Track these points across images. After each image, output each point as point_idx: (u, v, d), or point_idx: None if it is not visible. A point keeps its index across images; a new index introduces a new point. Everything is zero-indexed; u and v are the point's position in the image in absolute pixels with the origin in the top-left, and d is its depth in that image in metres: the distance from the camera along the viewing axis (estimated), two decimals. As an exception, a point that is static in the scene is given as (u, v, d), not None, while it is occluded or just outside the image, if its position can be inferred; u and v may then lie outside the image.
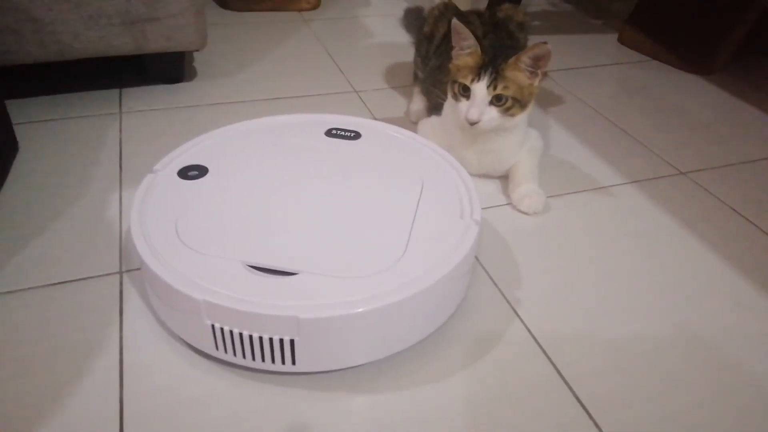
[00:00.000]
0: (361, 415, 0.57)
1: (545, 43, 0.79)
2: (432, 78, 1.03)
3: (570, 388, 0.62)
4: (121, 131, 1.01)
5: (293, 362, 0.57)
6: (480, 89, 0.81)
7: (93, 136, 1.00)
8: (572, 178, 0.97)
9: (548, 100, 1.23)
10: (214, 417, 0.56)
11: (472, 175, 0.86)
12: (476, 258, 0.78)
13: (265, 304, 0.54)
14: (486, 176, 0.94)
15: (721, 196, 0.95)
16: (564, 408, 0.60)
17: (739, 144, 1.11)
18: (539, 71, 0.83)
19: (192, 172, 0.72)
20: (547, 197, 0.91)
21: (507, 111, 0.83)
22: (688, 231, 0.86)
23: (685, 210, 0.91)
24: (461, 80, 0.83)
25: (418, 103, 1.10)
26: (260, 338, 0.55)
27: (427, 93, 1.07)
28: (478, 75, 0.82)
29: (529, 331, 0.68)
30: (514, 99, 0.82)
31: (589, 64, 1.42)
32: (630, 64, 1.44)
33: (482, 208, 0.85)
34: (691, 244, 0.84)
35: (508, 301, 0.72)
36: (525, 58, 0.81)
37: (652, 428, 0.58)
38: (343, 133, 0.82)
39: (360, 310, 0.55)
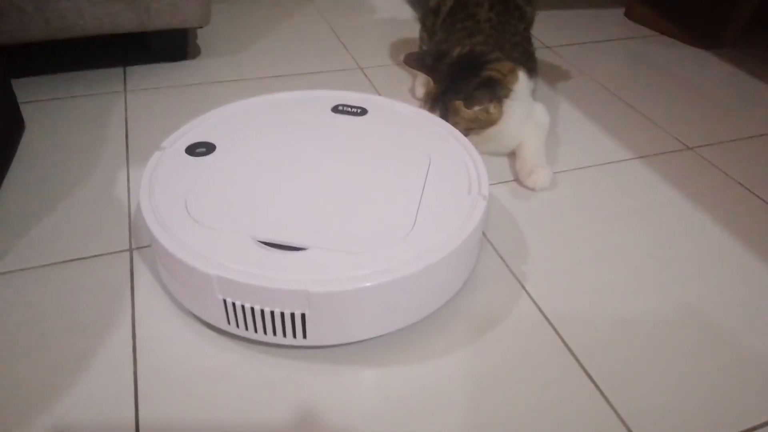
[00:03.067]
0: (371, 388, 0.58)
1: (491, 92, 0.82)
2: (438, 53, 1.02)
3: (578, 361, 0.62)
4: (126, 110, 1.01)
5: (304, 336, 0.58)
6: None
7: (99, 114, 0.99)
8: (579, 154, 0.97)
9: (554, 75, 1.22)
10: (227, 390, 0.57)
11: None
12: (483, 234, 0.78)
13: (277, 279, 0.54)
14: (493, 154, 0.94)
15: (728, 171, 0.95)
16: (572, 380, 0.60)
17: (748, 119, 1.11)
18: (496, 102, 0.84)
19: (200, 149, 0.72)
20: (554, 173, 0.91)
21: (469, 132, 0.84)
22: (695, 206, 0.86)
23: (691, 185, 0.91)
24: (425, 100, 0.87)
25: (422, 81, 1.10)
26: (272, 312, 0.56)
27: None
28: (432, 105, 0.84)
29: (536, 305, 0.68)
30: (469, 128, 0.84)
31: (595, 39, 1.41)
32: (637, 38, 1.42)
33: (489, 184, 0.86)
34: (698, 218, 0.84)
35: (515, 276, 0.72)
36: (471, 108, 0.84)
37: (660, 399, 0.59)
38: (349, 109, 0.82)
39: (369, 284, 0.55)
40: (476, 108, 0.83)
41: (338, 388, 0.58)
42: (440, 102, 0.84)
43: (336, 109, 0.82)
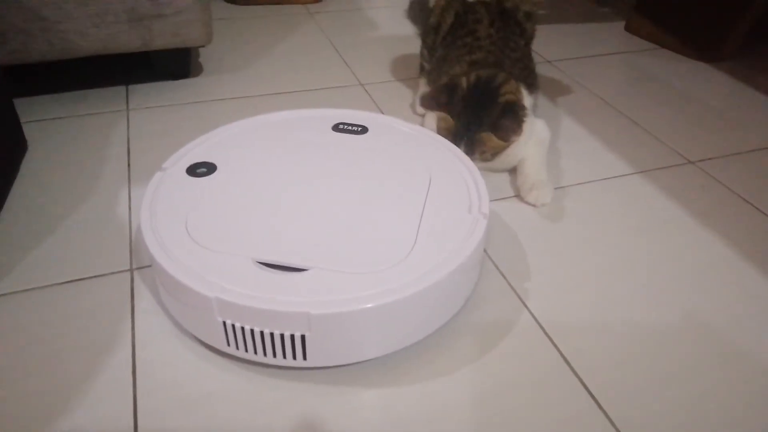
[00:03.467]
0: (373, 408, 0.58)
1: (514, 114, 0.82)
2: (438, 69, 1.02)
3: (579, 379, 0.62)
4: (128, 128, 1.02)
5: (304, 357, 0.57)
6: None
7: (101, 133, 1.00)
8: (580, 169, 0.97)
9: (555, 90, 1.23)
10: (227, 412, 0.57)
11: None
12: (485, 251, 0.78)
13: (277, 301, 0.54)
14: (493, 171, 0.94)
15: (730, 185, 0.94)
16: (573, 398, 0.60)
17: (749, 132, 1.10)
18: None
19: (200, 170, 0.72)
20: (555, 188, 0.91)
21: (494, 156, 0.85)
22: (697, 220, 0.86)
23: (693, 199, 0.91)
24: (444, 135, 0.86)
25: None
26: (272, 334, 0.55)
27: (433, 85, 1.07)
28: (455, 140, 0.84)
29: (537, 322, 0.68)
30: (495, 153, 0.85)
31: (595, 52, 1.41)
32: (637, 52, 1.43)
33: (490, 201, 0.86)
34: (700, 233, 0.84)
35: (516, 293, 0.72)
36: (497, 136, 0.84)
37: (662, 418, 0.58)
38: (350, 127, 0.82)
39: (370, 305, 0.55)
40: (513, 138, 0.84)
41: (340, 410, 0.58)
42: (464, 136, 0.84)
43: (336, 128, 0.82)
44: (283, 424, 0.56)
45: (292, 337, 0.56)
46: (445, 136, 0.85)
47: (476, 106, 0.85)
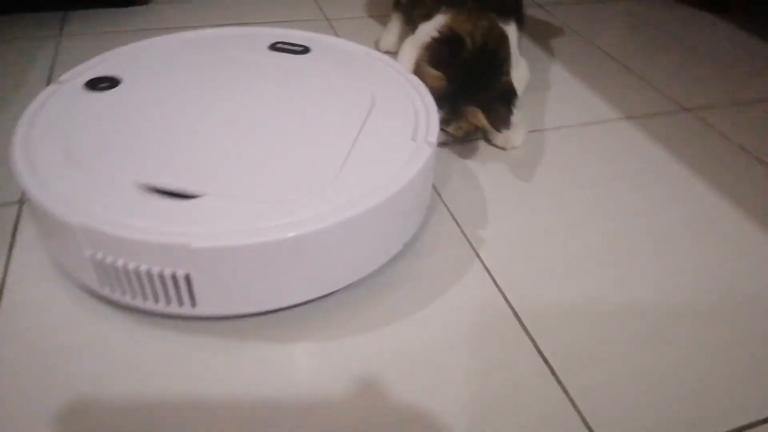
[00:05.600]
0: (278, 365, 0.48)
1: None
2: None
3: (531, 338, 0.51)
4: (56, 55, 0.90)
5: (193, 304, 0.47)
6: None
7: (23, 60, 0.88)
8: (560, 112, 0.85)
9: (545, 33, 1.10)
10: (99, 366, 0.47)
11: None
12: (436, 191, 0.67)
13: (152, 230, 0.44)
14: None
15: (728, 134, 0.83)
16: (524, 358, 0.50)
17: (751, 81, 0.98)
18: None
19: (102, 84, 0.61)
20: (530, 132, 0.79)
21: (465, 134, 0.75)
22: (688, 169, 0.75)
23: (686, 147, 0.79)
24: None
25: (392, 31, 0.98)
26: (148, 271, 0.45)
27: (409, 19, 0.94)
28: (439, 102, 0.68)
29: (489, 273, 0.57)
30: (468, 131, 0.74)
31: (592, -3, 1.28)
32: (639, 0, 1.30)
33: (451, 141, 0.75)
34: (690, 182, 0.73)
35: (469, 241, 0.61)
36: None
37: (619, 387, 0.48)
38: (289, 47, 0.71)
39: (271, 238, 0.44)
40: (501, 129, 0.70)
41: (237, 367, 0.47)
42: (451, 103, 0.70)
43: (274, 47, 0.70)
44: (167, 382, 0.46)
45: (174, 276, 0.45)
46: (431, 93, 0.72)
47: (477, 76, 0.71)
